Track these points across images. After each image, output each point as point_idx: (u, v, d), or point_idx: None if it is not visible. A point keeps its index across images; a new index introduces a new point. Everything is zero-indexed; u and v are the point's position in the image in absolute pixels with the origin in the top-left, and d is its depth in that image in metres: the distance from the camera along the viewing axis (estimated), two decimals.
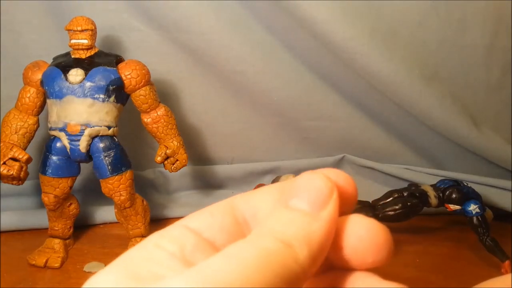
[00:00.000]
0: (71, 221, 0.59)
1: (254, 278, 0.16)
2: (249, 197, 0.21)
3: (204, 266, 0.16)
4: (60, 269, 0.55)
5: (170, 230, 0.20)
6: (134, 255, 0.18)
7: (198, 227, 0.20)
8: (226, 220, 0.20)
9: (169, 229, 0.20)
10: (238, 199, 0.21)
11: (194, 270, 0.16)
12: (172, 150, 0.58)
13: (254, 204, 0.21)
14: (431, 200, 0.59)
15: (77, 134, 0.53)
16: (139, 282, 0.17)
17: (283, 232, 0.17)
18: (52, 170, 0.55)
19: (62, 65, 0.55)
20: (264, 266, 0.16)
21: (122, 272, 0.17)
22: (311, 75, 0.72)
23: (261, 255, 0.16)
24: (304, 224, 0.18)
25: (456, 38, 0.70)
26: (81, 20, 0.56)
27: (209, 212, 0.21)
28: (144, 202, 0.59)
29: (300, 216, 0.18)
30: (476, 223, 0.57)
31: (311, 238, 0.18)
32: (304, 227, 0.18)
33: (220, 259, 0.16)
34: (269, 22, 0.69)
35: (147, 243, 0.19)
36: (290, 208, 0.19)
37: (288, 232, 0.18)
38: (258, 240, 0.17)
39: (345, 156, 0.77)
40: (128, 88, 0.56)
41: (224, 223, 0.20)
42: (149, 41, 0.68)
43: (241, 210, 0.21)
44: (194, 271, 0.16)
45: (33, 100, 0.56)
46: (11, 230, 0.63)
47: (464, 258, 0.59)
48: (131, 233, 0.58)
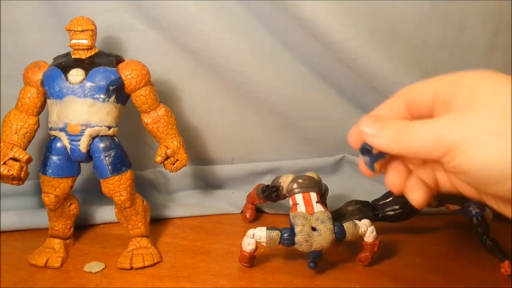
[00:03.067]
0: (72, 221, 0.59)
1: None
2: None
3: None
4: (60, 269, 0.55)
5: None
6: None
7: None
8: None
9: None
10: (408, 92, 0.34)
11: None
12: (172, 150, 0.58)
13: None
14: (431, 200, 0.59)
15: (77, 134, 0.54)
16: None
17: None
18: (53, 170, 0.55)
19: (63, 65, 0.55)
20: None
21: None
22: (311, 75, 0.72)
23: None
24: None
25: (456, 38, 0.70)
26: (81, 21, 0.56)
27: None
28: (144, 202, 0.59)
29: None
30: (476, 223, 0.57)
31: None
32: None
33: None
34: (269, 22, 0.69)
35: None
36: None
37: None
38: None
39: (345, 156, 0.77)
40: (128, 88, 0.56)
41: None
42: (149, 41, 0.68)
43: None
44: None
45: (34, 100, 0.56)
46: (11, 230, 0.64)
47: (464, 258, 0.59)
48: (131, 233, 0.59)
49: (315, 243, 0.51)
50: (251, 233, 0.52)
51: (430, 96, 0.32)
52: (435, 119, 0.29)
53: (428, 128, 0.28)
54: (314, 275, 0.54)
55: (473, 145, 0.26)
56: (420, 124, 0.29)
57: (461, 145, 0.27)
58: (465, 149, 0.27)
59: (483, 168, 0.26)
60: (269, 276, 0.54)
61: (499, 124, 0.26)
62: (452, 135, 0.27)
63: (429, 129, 0.28)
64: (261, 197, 0.62)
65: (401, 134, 0.30)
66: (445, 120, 0.28)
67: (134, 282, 0.53)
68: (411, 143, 0.29)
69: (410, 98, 0.34)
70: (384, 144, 0.30)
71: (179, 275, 0.54)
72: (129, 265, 0.55)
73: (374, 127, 0.31)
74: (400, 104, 0.34)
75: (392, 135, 0.30)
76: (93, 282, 0.53)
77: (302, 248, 0.51)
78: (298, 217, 0.52)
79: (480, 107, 0.27)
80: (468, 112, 0.27)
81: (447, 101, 0.30)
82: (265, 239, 0.51)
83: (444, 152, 0.28)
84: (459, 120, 0.27)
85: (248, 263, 0.55)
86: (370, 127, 0.31)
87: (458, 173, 0.28)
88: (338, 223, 0.53)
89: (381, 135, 0.30)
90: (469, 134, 0.27)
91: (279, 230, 0.52)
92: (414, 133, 0.29)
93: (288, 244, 0.51)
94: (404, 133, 0.30)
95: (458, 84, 0.30)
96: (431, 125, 0.28)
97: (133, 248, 0.57)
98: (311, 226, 0.52)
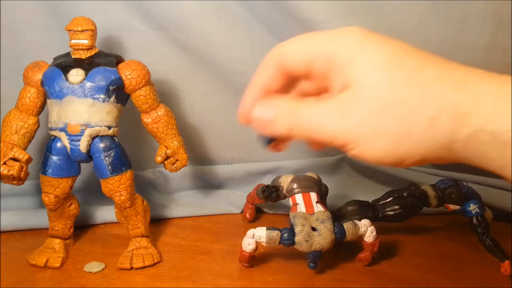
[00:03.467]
0: (72, 221, 0.59)
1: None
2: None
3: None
4: (60, 269, 0.55)
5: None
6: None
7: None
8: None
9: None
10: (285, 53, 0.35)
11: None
12: (172, 150, 0.58)
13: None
14: (431, 200, 0.59)
15: (77, 134, 0.54)
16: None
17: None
18: (53, 170, 0.55)
19: (63, 65, 0.55)
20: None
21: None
22: None
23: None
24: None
25: (456, 38, 0.70)
26: (81, 21, 0.56)
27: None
28: (144, 202, 0.59)
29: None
30: (476, 223, 0.57)
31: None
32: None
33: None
34: (269, 22, 0.69)
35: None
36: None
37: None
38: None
39: (345, 156, 0.77)
40: (128, 88, 0.56)
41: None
42: (149, 41, 0.68)
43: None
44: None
45: (34, 100, 0.56)
46: (11, 230, 0.64)
47: (464, 258, 0.59)
48: (131, 233, 0.59)
49: (315, 243, 0.51)
50: (251, 233, 0.52)
51: (304, 66, 0.33)
52: (320, 108, 0.30)
53: (318, 121, 0.30)
54: (314, 275, 0.54)
55: (361, 143, 0.29)
56: (310, 116, 0.30)
57: (352, 141, 0.29)
58: (356, 146, 0.29)
59: (377, 161, 0.29)
60: (269, 276, 0.54)
61: (378, 120, 0.28)
62: (341, 133, 0.29)
63: (319, 123, 0.30)
64: (261, 197, 0.62)
65: (296, 124, 0.31)
66: (330, 113, 0.29)
67: (134, 282, 0.53)
68: (308, 134, 0.31)
69: (282, 65, 0.34)
70: (280, 134, 0.31)
71: (179, 275, 0.54)
72: (129, 265, 0.55)
73: (267, 113, 0.32)
74: (274, 71, 0.35)
75: (286, 125, 0.31)
76: (93, 282, 0.53)
77: (302, 248, 0.51)
78: (298, 217, 0.52)
79: (357, 99, 0.29)
80: (347, 105, 0.29)
81: (324, 77, 0.31)
82: (265, 239, 0.51)
83: (339, 145, 0.30)
84: (342, 118, 0.29)
85: (248, 263, 0.55)
86: (264, 114, 0.32)
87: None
88: (338, 223, 0.53)
89: (276, 124, 0.31)
90: (354, 134, 0.29)
91: (279, 230, 0.52)
92: (308, 125, 0.30)
93: (288, 244, 0.52)
94: (299, 124, 0.31)
95: (333, 59, 0.30)
96: (320, 117, 0.30)
97: (133, 248, 0.57)
98: (311, 226, 0.52)
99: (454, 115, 0.27)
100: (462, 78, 0.28)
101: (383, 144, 0.28)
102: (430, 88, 0.28)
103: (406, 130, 0.28)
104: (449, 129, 0.27)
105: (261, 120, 0.32)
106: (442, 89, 0.28)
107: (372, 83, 0.28)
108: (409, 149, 0.28)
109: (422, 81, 0.28)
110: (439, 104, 0.27)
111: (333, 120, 0.29)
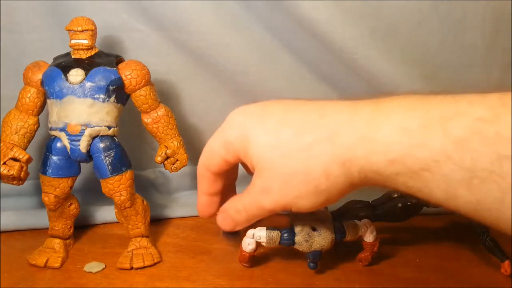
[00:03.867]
0: (72, 221, 0.59)
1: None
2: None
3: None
4: (60, 269, 0.55)
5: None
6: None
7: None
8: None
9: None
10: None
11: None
12: (172, 150, 0.58)
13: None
14: None
15: (77, 134, 0.54)
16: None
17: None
18: (53, 170, 0.55)
19: (63, 65, 0.55)
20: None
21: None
22: (311, 75, 0.72)
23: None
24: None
25: (456, 38, 0.70)
26: (81, 21, 0.56)
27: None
28: (144, 202, 0.59)
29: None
30: (476, 223, 0.57)
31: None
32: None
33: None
34: (269, 22, 0.69)
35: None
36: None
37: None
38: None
39: None
40: (128, 88, 0.56)
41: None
42: (149, 41, 0.68)
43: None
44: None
45: (34, 100, 0.56)
46: (11, 230, 0.64)
47: (464, 258, 0.59)
48: (131, 233, 0.59)
49: (315, 243, 0.51)
50: (251, 233, 0.52)
51: (224, 164, 0.42)
52: (251, 196, 0.41)
53: (256, 207, 0.42)
54: (314, 275, 0.54)
55: (294, 204, 0.39)
56: (249, 205, 0.43)
57: (285, 206, 0.40)
58: (292, 207, 0.40)
59: (309, 210, 0.40)
60: (269, 276, 0.54)
61: (287, 186, 0.37)
62: (274, 206, 0.40)
63: (257, 207, 0.41)
64: None
65: (246, 216, 0.44)
66: (257, 197, 0.40)
67: (134, 282, 0.53)
68: (258, 217, 0.44)
69: (211, 173, 0.44)
70: (242, 226, 0.46)
71: (179, 275, 0.54)
72: (129, 265, 0.55)
73: (223, 221, 0.46)
74: (208, 180, 0.45)
75: (243, 219, 0.44)
76: (93, 282, 0.53)
77: (302, 248, 0.51)
78: (298, 217, 0.52)
79: (264, 180, 0.38)
80: (262, 188, 0.39)
81: (240, 161, 0.42)
82: (265, 239, 0.51)
83: (281, 210, 0.41)
84: (266, 196, 0.39)
85: (248, 263, 0.55)
86: (221, 221, 0.47)
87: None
88: (338, 223, 0.53)
89: (234, 222, 0.45)
90: (283, 203, 0.39)
91: (279, 230, 0.52)
92: (255, 212, 0.43)
93: (288, 244, 0.52)
94: (248, 214, 0.43)
95: (235, 151, 0.40)
96: (255, 203, 0.41)
97: (133, 248, 0.57)
98: (311, 226, 0.52)
99: (340, 163, 0.33)
100: (323, 113, 0.36)
101: (305, 201, 0.37)
102: (311, 150, 0.34)
103: (311, 189, 0.36)
104: (343, 175, 0.34)
105: (222, 226, 0.46)
106: (319, 144, 0.34)
107: (267, 162, 0.37)
108: (324, 197, 0.37)
109: (301, 147, 0.35)
110: (324, 159, 0.34)
111: (263, 200, 0.39)
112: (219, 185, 0.45)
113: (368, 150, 0.32)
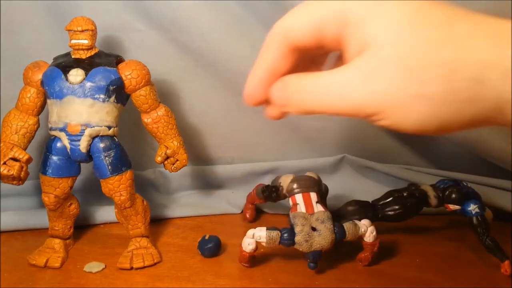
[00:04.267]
0: (71, 221, 0.59)
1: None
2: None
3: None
4: (60, 269, 0.55)
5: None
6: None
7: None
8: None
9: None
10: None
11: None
12: (172, 150, 0.58)
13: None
14: (430, 200, 0.59)
15: (77, 134, 0.54)
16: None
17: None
18: (53, 170, 0.55)
19: (63, 65, 0.55)
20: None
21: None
22: None
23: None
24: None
25: None
26: (81, 21, 0.56)
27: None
28: (144, 202, 0.59)
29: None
30: (476, 223, 0.57)
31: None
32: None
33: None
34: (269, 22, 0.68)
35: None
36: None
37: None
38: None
39: (345, 156, 0.77)
40: (128, 88, 0.56)
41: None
42: (149, 41, 0.68)
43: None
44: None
45: (34, 100, 0.56)
46: (11, 230, 0.64)
47: (464, 258, 0.59)
48: (131, 233, 0.59)
49: (315, 243, 0.51)
50: (251, 233, 0.52)
51: (313, 35, 0.28)
52: (338, 76, 0.26)
53: (339, 91, 0.26)
54: (314, 275, 0.54)
55: (395, 110, 0.25)
56: (329, 86, 0.26)
57: (382, 109, 0.25)
58: (389, 114, 0.25)
59: (417, 128, 0.25)
60: (269, 276, 0.54)
61: (412, 80, 0.24)
62: (368, 101, 0.25)
63: (341, 93, 0.26)
64: (261, 197, 0.62)
65: (315, 98, 0.27)
66: (351, 80, 0.25)
67: (134, 282, 0.53)
68: (329, 108, 0.27)
69: (287, 40, 0.30)
70: (299, 112, 0.28)
71: (179, 275, 0.54)
72: (129, 265, 0.55)
73: (279, 94, 0.29)
74: (279, 49, 0.31)
75: (306, 100, 0.28)
76: (93, 282, 0.53)
77: (302, 248, 0.51)
78: (298, 217, 0.52)
79: (381, 59, 0.24)
80: (370, 67, 0.25)
81: (338, 41, 0.27)
82: (265, 239, 0.51)
83: (366, 115, 0.25)
84: (366, 82, 0.25)
85: (248, 263, 0.55)
86: (279, 92, 0.29)
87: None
88: (338, 223, 0.53)
89: (293, 101, 0.28)
90: (384, 100, 0.24)
91: (279, 230, 0.52)
92: (328, 97, 0.26)
93: (288, 244, 0.52)
94: (319, 97, 0.27)
95: (346, 18, 0.26)
96: (339, 86, 0.26)
97: (133, 248, 0.57)
98: (311, 226, 0.52)
99: (500, 72, 0.23)
100: (499, 31, 0.26)
101: (423, 108, 0.24)
102: (467, 44, 0.24)
103: (448, 91, 0.24)
104: (496, 87, 0.23)
105: (277, 99, 0.29)
106: (480, 44, 0.24)
107: (396, 40, 0.24)
108: (455, 112, 0.24)
109: (455, 37, 0.25)
110: (481, 60, 0.24)
111: (356, 87, 0.25)
112: (287, 65, 0.31)
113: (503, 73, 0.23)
